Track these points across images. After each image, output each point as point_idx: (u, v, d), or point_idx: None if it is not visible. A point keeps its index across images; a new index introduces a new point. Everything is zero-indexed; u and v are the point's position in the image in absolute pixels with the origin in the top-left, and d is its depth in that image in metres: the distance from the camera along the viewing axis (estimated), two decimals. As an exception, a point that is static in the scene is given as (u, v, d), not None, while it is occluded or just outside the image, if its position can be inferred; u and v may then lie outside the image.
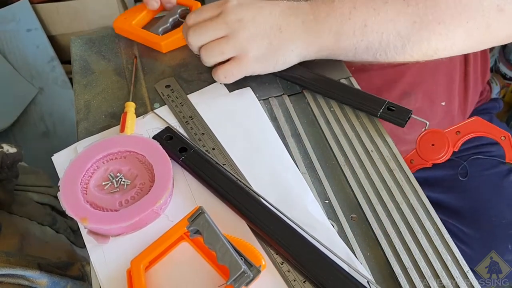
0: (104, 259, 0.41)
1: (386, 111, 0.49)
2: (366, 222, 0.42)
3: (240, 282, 0.35)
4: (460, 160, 0.75)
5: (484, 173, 0.74)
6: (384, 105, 0.49)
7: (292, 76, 0.54)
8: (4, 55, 1.27)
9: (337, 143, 0.49)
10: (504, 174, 0.73)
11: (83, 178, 0.44)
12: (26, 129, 1.28)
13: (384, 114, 0.49)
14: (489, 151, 0.76)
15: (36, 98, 1.30)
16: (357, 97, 0.51)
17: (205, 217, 0.38)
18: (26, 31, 1.28)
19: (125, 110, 0.51)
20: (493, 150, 0.76)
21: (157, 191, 0.42)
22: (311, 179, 0.46)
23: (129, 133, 0.48)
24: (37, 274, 0.64)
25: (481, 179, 0.74)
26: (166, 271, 0.40)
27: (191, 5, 0.65)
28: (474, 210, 0.72)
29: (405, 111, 0.49)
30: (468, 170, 0.75)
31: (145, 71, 0.58)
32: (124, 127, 0.48)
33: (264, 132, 0.49)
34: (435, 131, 0.49)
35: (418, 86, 0.72)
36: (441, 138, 0.48)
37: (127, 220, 0.40)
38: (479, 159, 0.75)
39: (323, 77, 0.53)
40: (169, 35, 0.61)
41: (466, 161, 0.75)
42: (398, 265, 0.39)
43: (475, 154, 0.76)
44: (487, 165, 0.75)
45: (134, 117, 0.51)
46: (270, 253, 0.40)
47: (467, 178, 0.74)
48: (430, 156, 0.48)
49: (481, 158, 0.75)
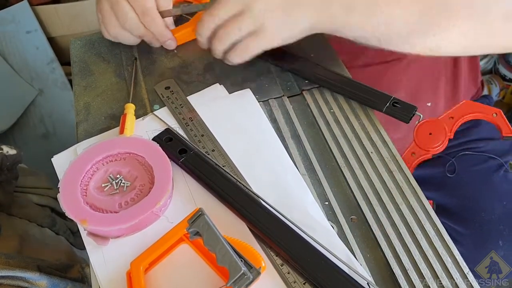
0: (104, 261, 0.40)
1: (391, 106, 0.50)
2: (366, 223, 0.42)
3: (240, 283, 0.35)
4: (448, 157, 0.75)
5: (472, 169, 0.74)
6: (389, 101, 0.50)
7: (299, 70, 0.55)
8: (4, 57, 1.27)
9: (336, 145, 0.49)
10: (493, 170, 0.73)
11: (83, 179, 0.44)
12: (25, 130, 1.28)
13: (389, 109, 0.50)
14: (477, 146, 0.76)
15: (36, 99, 1.30)
16: (364, 92, 0.51)
17: (205, 219, 0.38)
18: (25, 32, 1.28)
19: (125, 111, 0.51)
20: (481, 146, 0.76)
21: (156, 192, 0.42)
22: (311, 180, 0.46)
23: (128, 134, 0.48)
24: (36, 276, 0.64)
25: (469, 175, 0.73)
26: (166, 273, 0.40)
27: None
28: (463, 207, 0.71)
29: (410, 107, 0.49)
30: (456, 166, 0.74)
31: (144, 73, 0.58)
32: (124, 129, 0.48)
33: (264, 134, 0.49)
34: (430, 120, 0.50)
35: (400, 85, 0.72)
36: (437, 125, 0.49)
37: (127, 222, 0.40)
38: (467, 155, 0.75)
39: (331, 71, 0.54)
40: (180, 28, 0.61)
41: (454, 158, 0.75)
42: (398, 266, 0.39)
43: (463, 150, 0.76)
44: (475, 161, 0.74)
45: (134, 118, 0.51)
46: (270, 255, 0.40)
47: (455, 174, 0.74)
48: (430, 145, 0.49)
49: (469, 154, 0.75)
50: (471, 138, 0.77)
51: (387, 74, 0.71)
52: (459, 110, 0.50)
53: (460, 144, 0.76)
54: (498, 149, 0.75)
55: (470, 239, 0.69)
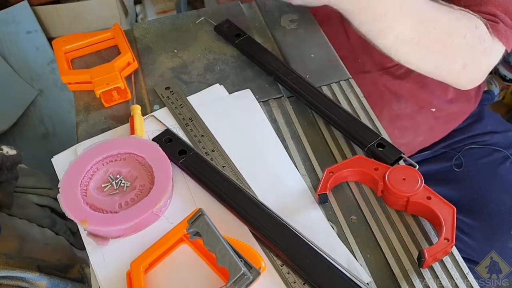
0: (104, 261, 0.41)
1: (375, 147, 0.46)
2: (365, 224, 0.42)
3: (240, 284, 0.35)
4: (454, 152, 0.76)
5: (478, 162, 0.74)
6: (375, 140, 0.46)
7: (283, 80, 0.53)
8: (4, 57, 1.27)
9: (336, 145, 0.49)
10: (499, 162, 0.73)
11: (83, 180, 0.44)
12: (25, 131, 1.28)
13: (372, 148, 0.46)
14: (482, 140, 0.76)
15: (36, 100, 1.30)
16: (351, 124, 0.48)
17: (205, 219, 0.38)
18: (26, 33, 1.28)
19: (132, 113, 0.51)
20: (487, 139, 0.76)
21: (156, 193, 0.42)
22: (311, 180, 0.46)
23: (139, 134, 0.48)
24: (36, 276, 0.64)
25: (476, 168, 0.74)
26: (166, 273, 0.40)
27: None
28: (472, 200, 0.71)
29: (395, 151, 0.45)
30: (463, 160, 0.75)
31: (144, 73, 0.58)
32: (134, 130, 0.48)
33: (264, 134, 0.49)
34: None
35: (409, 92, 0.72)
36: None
37: (127, 222, 0.40)
38: (472, 149, 0.75)
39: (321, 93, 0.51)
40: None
41: (460, 152, 0.75)
42: (398, 266, 0.39)
43: (468, 144, 0.76)
44: (481, 154, 0.75)
45: (142, 119, 0.51)
46: (270, 255, 0.40)
47: (462, 168, 0.74)
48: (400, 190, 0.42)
49: (474, 148, 0.75)
50: (475, 133, 0.77)
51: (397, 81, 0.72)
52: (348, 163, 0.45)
53: (465, 139, 0.77)
54: (502, 141, 0.75)
55: (480, 231, 0.69)
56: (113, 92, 0.53)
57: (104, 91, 0.52)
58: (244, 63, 0.58)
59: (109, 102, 0.54)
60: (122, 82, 0.53)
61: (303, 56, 0.58)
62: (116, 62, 0.55)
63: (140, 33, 0.63)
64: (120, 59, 0.55)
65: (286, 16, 0.64)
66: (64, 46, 0.59)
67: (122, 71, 0.55)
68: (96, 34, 0.60)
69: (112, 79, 0.53)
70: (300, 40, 0.60)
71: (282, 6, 0.65)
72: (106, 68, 0.54)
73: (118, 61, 0.55)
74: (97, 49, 0.60)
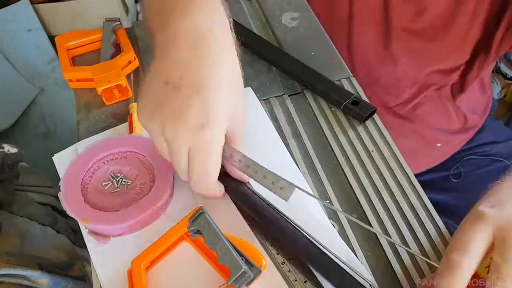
0: (105, 259, 0.41)
1: (350, 104, 0.50)
2: (367, 222, 0.42)
3: (241, 282, 0.35)
4: (453, 163, 0.75)
5: (478, 171, 0.74)
6: (350, 98, 0.51)
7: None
8: (5, 55, 1.27)
9: (337, 143, 0.49)
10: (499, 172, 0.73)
11: (84, 178, 0.44)
12: (26, 129, 1.28)
13: (348, 105, 0.50)
14: (484, 150, 0.76)
15: (37, 98, 1.30)
16: (325, 86, 0.53)
17: (206, 217, 0.38)
18: (26, 31, 1.28)
19: (130, 111, 0.51)
20: (488, 150, 0.76)
21: (157, 191, 0.42)
22: (312, 179, 0.46)
23: (138, 132, 0.48)
24: (37, 274, 0.64)
25: (475, 178, 0.73)
26: (167, 271, 0.40)
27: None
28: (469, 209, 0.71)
29: (368, 107, 0.50)
30: (462, 171, 0.74)
31: (145, 72, 0.58)
32: (133, 128, 0.48)
33: (265, 132, 0.49)
34: None
35: (412, 130, 0.72)
36: None
37: (128, 220, 0.40)
38: (472, 159, 0.75)
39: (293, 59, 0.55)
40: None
41: (459, 163, 0.75)
42: (399, 264, 0.39)
43: (468, 155, 0.76)
44: (481, 164, 0.75)
45: None
46: (271, 253, 0.40)
47: (461, 179, 0.74)
48: None
49: (474, 159, 0.75)
50: (476, 144, 0.77)
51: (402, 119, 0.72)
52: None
53: (465, 150, 0.77)
54: (504, 151, 0.75)
55: None
56: (114, 90, 0.54)
57: (105, 89, 0.52)
58: (245, 61, 0.57)
59: (110, 100, 0.54)
60: (124, 79, 0.53)
61: (304, 54, 0.58)
62: (118, 60, 0.55)
63: (141, 31, 0.63)
64: (122, 57, 0.55)
65: (287, 14, 0.64)
66: (67, 43, 0.59)
67: (123, 69, 0.55)
68: (99, 31, 0.60)
69: (114, 77, 0.53)
70: (301, 38, 0.60)
71: (283, 3, 0.65)
72: (108, 66, 0.54)
73: (120, 59, 0.55)
74: (99, 46, 0.60)
